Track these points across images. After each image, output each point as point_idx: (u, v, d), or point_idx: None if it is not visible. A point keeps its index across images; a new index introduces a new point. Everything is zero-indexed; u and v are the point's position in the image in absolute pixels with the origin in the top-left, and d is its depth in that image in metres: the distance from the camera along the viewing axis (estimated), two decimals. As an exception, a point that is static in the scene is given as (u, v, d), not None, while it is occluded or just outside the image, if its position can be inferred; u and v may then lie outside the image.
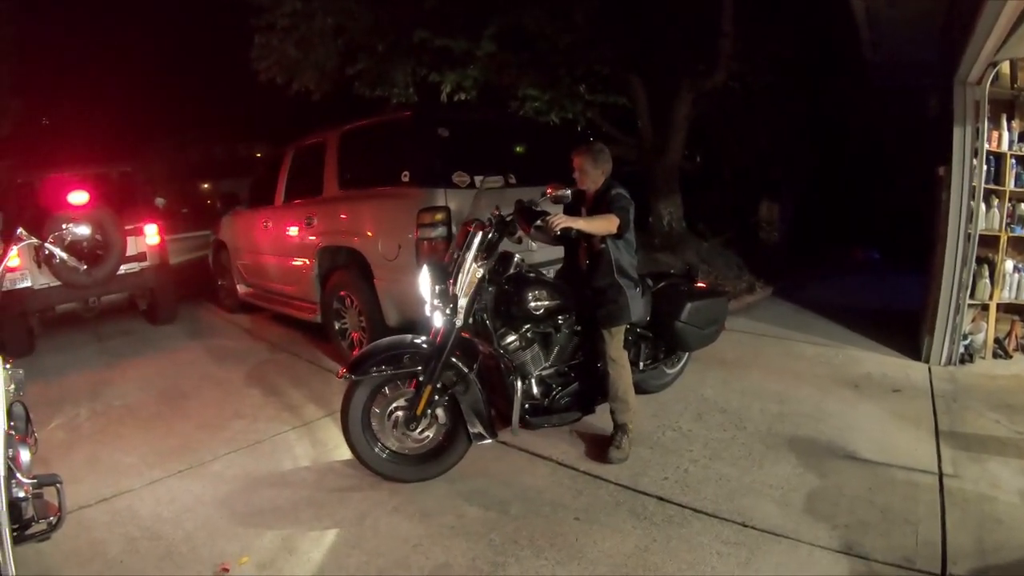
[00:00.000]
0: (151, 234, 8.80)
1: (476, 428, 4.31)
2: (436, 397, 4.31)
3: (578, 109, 10.74)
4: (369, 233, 6.29)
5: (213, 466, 4.79)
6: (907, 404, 5.37)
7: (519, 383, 4.37)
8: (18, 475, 2.77)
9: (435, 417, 4.40)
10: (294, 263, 7.66)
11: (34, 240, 3.54)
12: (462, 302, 4.24)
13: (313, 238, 7.14)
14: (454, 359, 4.30)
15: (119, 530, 3.98)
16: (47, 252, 3.59)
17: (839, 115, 13.52)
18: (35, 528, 2.92)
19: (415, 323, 5.49)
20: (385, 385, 4.44)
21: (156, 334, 8.98)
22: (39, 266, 7.56)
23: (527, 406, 4.53)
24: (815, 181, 13.51)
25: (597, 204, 4.54)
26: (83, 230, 3.34)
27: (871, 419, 5.11)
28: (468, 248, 4.28)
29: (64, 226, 3.75)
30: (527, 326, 4.57)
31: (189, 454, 4.96)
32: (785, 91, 11.83)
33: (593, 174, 4.63)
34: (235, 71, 11.80)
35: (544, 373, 4.69)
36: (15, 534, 2.72)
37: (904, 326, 6.99)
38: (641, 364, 5.29)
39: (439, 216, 5.69)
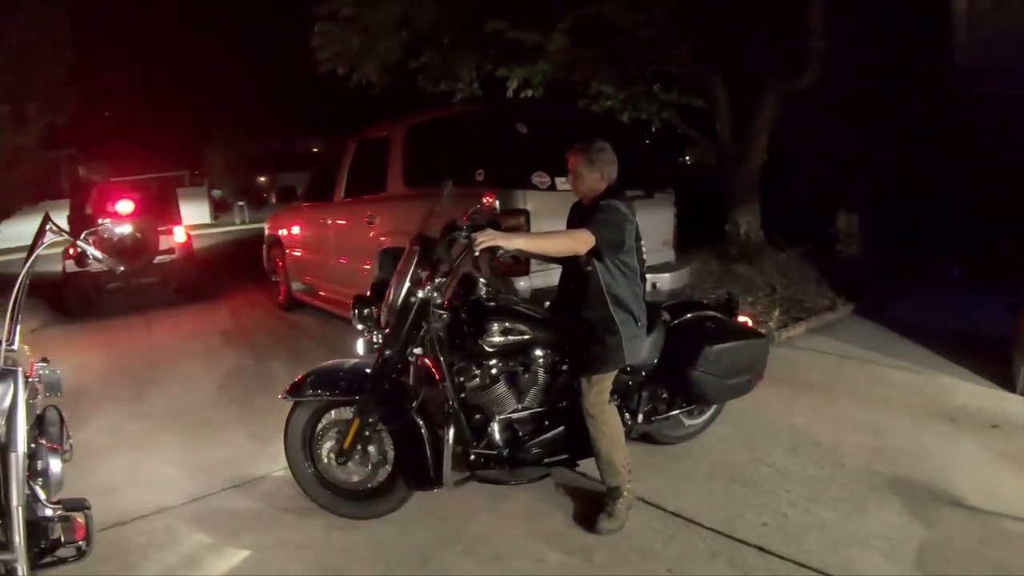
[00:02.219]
0: (179, 233, 11.38)
1: (412, 473, 3.75)
2: (366, 433, 3.75)
3: (653, 109, 10.12)
4: (438, 236, 5.74)
5: (262, 484, 4.41)
6: (1008, 442, 4.76)
7: (451, 429, 3.61)
8: (42, 498, 2.62)
9: (367, 454, 3.81)
10: (352, 263, 7.20)
11: (65, 236, 3.19)
12: (385, 331, 3.72)
13: (374, 238, 6.65)
14: (394, 393, 3.74)
15: (155, 555, 3.70)
16: (79, 250, 3.25)
17: (923, 123, 12.72)
18: (62, 552, 2.76)
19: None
20: (330, 409, 3.95)
21: (206, 330, 8.97)
22: (75, 262, 9.46)
23: (474, 456, 3.75)
24: (897, 192, 12.73)
25: (590, 216, 3.68)
26: (121, 229, 2.93)
27: (972, 458, 4.52)
28: (404, 269, 3.71)
29: (100, 222, 3.32)
30: (494, 361, 3.72)
31: (236, 468, 4.60)
32: (869, 96, 11.09)
33: (589, 178, 3.76)
34: (295, 63, 11.43)
35: (514, 416, 3.85)
36: (40, 554, 2.68)
37: (994, 352, 6.26)
38: (640, 416, 4.13)
39: (517, 219, 5.16)
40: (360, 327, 3.83)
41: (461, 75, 10.85)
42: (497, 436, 3.79)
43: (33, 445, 2.78)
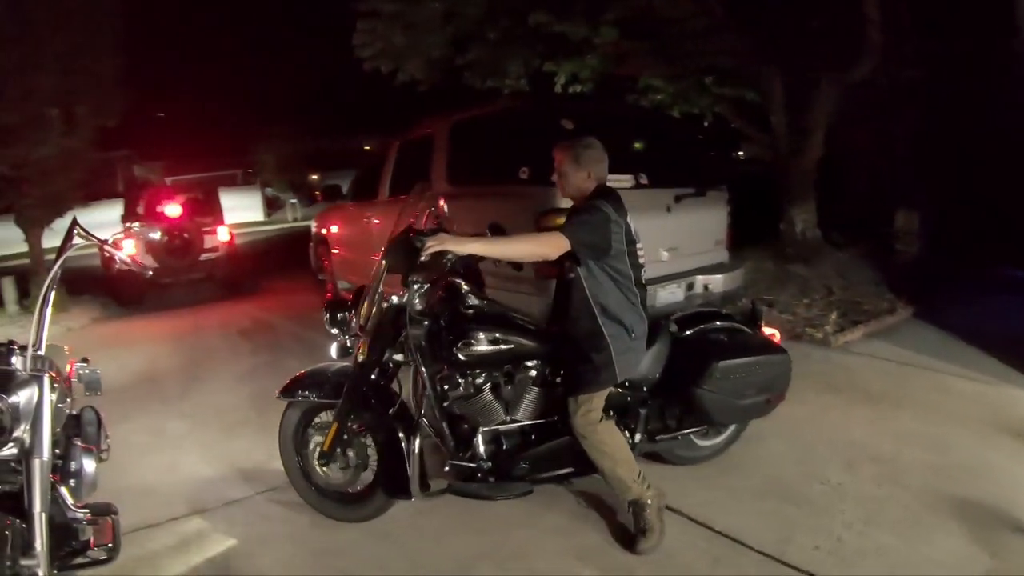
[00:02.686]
0: (222, 233, 12.49)
1: (387, 481, 3.65)
2: (345, 436, 3.68)
3: (705, 103, 9.81)
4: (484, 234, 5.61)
5: None
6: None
7: (417, 438, 3.50)
8: (68, 502, 2.62)
9: (346, 457, 3.76)
10: (398, 263, 7.04)
11: (93, 239, 3.04)
12: (357, 336, 3.70)
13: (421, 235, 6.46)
14: (376, 398, 3.67)
15: (183, 559, 3.65)
16: (108, 254, 3.31)
17: (987, 115, 12.19)
18: (91, 555, 2.77)
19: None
20: (321, 411, 3.89)
21: (253, 328, 9.00)
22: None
23: (450, 467, 3.67)
24: (959, 188, 12.21)
25: (568, 218, 3.51)
26: (153, 232, 2.76)
27: (1043, 479, 4.19)
28: (376, 273, 3.58)
29: (127, 226, 3.18)
30: (477, 371, 3.57)
31: (274, 472, 4.37)
32: (929, 87, 10.64)
33: (574, 178, 3.54)
34: (344, 61, 11.36)
35: (502, 429, 3.67)
36: (70, 555, 2.71)
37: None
38: (640, 435, 3.79)
39: (561, 219, 4.93)
40: (334, 331, 3.78)
41: (509, 71, 10.65)
42: (482, 448, 3.63)
43: (67, 445, 2.82)
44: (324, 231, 9.54)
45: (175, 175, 31.58)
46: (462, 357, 3.44)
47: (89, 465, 2.86)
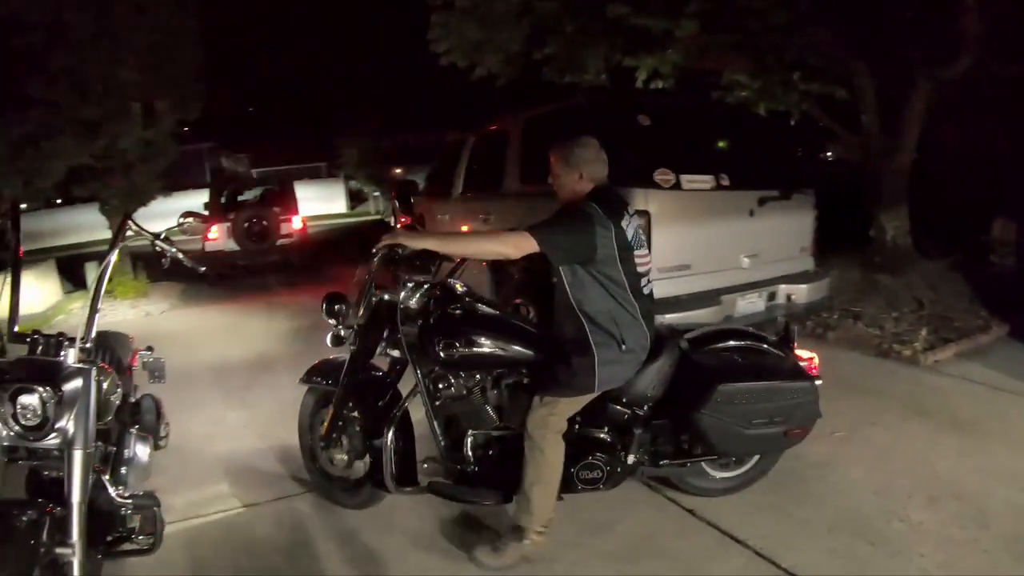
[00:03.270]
0: (296, 222, 14.50)
1: (372, 470, 3.70)
2: (340, 423, 3.79)
3: (792, 100, 9.32)
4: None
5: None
6: None
7: (392, 432, 3.50)
8: (111, 492, 2.71)
9: (341, 444, 3.84)
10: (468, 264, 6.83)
11: (146, 234, 3.15)
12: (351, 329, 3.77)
13: (489, 239, 6.27)
14: (372, 390, 3.82)
15: (227, 550, 3.70)
16: (159, 249, 3.20)
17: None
18: (135, 543, 2.86)
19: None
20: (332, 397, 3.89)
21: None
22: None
23: (428, 465, 3.68)
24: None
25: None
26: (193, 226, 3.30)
27: None
28: (370, 267, 3.62)
29: (180, 221, 3.30)
30: (465, 373, 3.57)
31: None
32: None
33: (566, 179, 3.40)
34: (426, 55, 11.25)
35: (494, 434, 3.58)
36: (114, 542, 2.82)
37: None
38: (634, 457, 3.52)
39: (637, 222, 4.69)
40: (331, 321, 3.77)
41: (587, 66, 10.30)
42: (469, 451, 3.55)
43: (122, 433, 3.07)
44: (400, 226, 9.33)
45: (260, 167, 32.24)
46: (443, 356, 3.41)
47: (142, 453, 3.03)
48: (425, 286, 3.57)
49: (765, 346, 3.75)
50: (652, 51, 9.25)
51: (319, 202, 30.23)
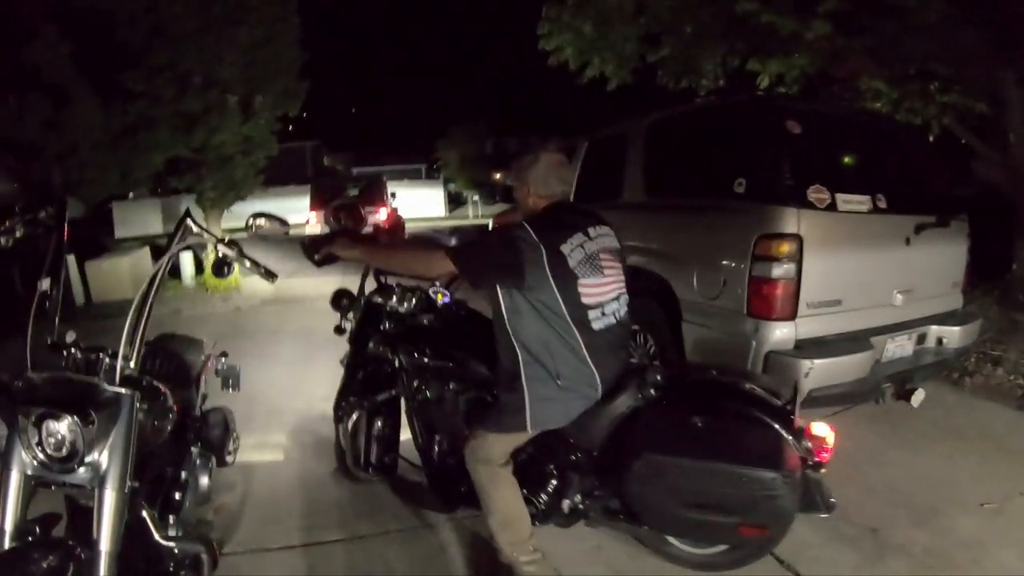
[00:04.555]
0: (382, 213, 16.39)
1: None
2: (343, 404, 3.91)
3: (931, 113, 8.34)
4: (681, 258, 4.68)
5: (434, 534, 3.70)
6: None
7: (349, 420, 3.79)
8: (154, 535, 2.30)
9: (345, 426, 3.93)
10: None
11: (207, 235, 2.69)
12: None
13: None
14: (371, 380, 3.94)
15: None
16: (220, 254, 2.69)
17: None
18: None
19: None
20: None
21: None
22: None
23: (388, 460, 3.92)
24: None
25: None
26: (273, 225, 2.92)
27: None
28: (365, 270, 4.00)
29: (250, 223, 2.92)
30: (430, 380, 3.54)
31: (411, 508, 3.95)
32: None
33: (518, 194, 3.16)
34: (530, 58, 10.73)
35: (456, 443, 3.43)
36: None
37: None
38: (566, 503, 3.08)
39: (786, 247, 3.98)
40: (336, 313, 4.10)
41: (705, 70, 9.56)
42: (435, 455, 3.63)
43: (180, 453, 2.82)
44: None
45: (361, 166, 32.41)
46: (403, 361, 3.61)
47: (202, 476, 2.83)
48: (409, 293, 3.76)
49: (758, 412, 2.81)
50: (776, 54, 8.46)
51: (417, 205, 29.96)
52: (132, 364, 2.27)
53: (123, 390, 2.14)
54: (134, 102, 10.31)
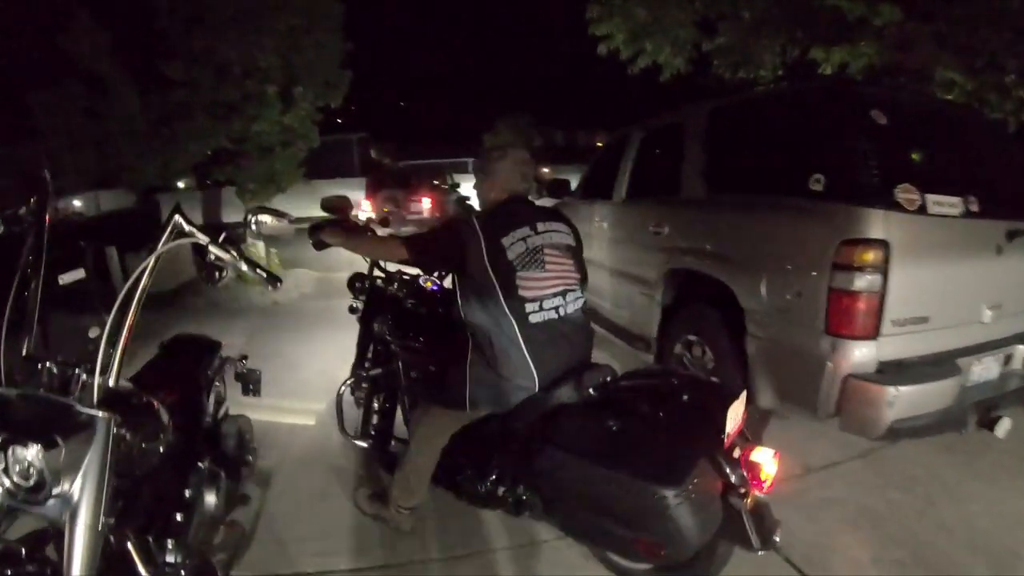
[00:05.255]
0: (425, 202, 16.81)
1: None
2: (352, 379, 4.22)
3: (1008, 108, 7.64)
4: (748, 264, 4.11)
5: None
6: None
7: (375, 400, 4.02)
8: (141, 571, 2.01)
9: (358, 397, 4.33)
10: (628, 280, 5.68)
11: (198, 236, 2.28)
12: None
13: (660, 254, 5.04)
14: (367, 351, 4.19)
15: None
16: (212, 257, 2.36)
17: None
18: None
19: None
20: None
21: None
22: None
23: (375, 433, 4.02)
24: None
25: None
26: (278, 220, 2.57)
27: None
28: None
29: (250, 218, 2.61)
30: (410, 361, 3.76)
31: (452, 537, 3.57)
32: None
33: (480, 188, 3.28)
34: (577, 50, 10.18)
35: None
36: None
37: None
38: (485, 487, 3.09)
39: (872, 255, 3.41)
40: (351, 294, 4.27)
41: (763, 59, 8.94)
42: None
43: (187, 469, 2.56)
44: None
45: (408, 159, 32.13)
46: (389, 340, 3.79)
47: (209, 496, 2.54)
48: (405, 279, 4.02)
49: (685, 427, 2.49)
50: (842, 42, 7.84)
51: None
52: (112, 380, 1.97)
53: (98, 413, 1.81)
54: (173, 91, 10.13)
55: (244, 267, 2.33)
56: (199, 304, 9.54)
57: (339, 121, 14.46)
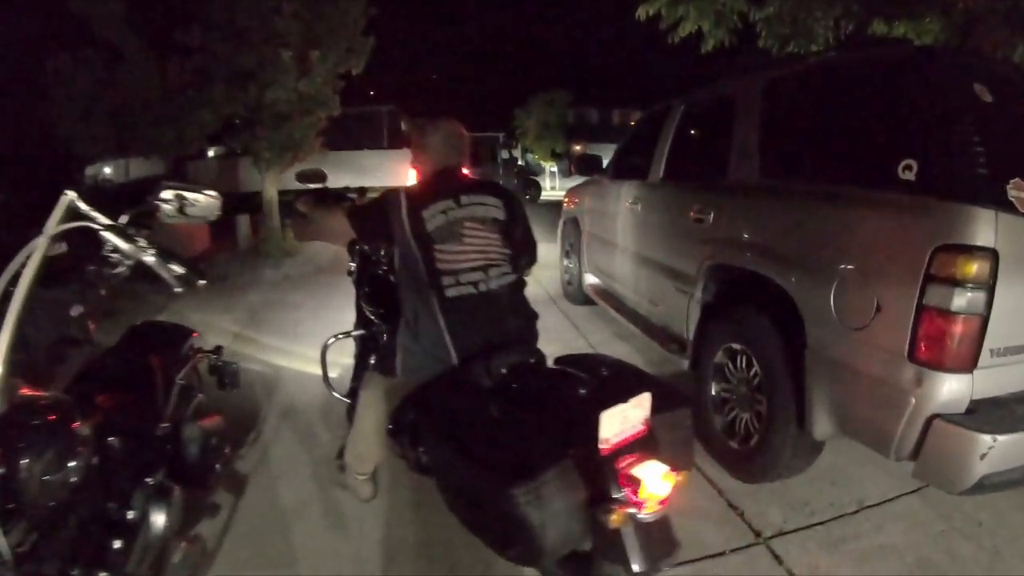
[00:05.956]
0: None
1: None
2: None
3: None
4: (813, 266, 3.31)
5: None
6: None
7: (332, 341, 3.85)
8: None
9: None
10: (662, 272, 4.94)
11: (93, 220, 1.90)
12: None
13: (702, 245, 4.29)
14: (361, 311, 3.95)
15: None
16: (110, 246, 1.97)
17: None
18: None
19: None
20: None
21: None
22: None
23: None
24: None
25: None
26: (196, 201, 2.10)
27: None
28: None
29: (160, 197, 2.08)
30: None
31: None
32: None
33: (415, 160, 3.22)
34: (613, 23, 9.45)
35: None
36: None
37: None
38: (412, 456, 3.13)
39: (976, 266, 2.64)
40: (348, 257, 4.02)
41: (815, 33, 8.12)
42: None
43: (133, 482, 2.20)
44: (576, 210, 7.56)
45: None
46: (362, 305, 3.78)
47: (156, 518, 2.20)
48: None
49: (568, 427, 2.20)
50: (902, 18, 7.05)
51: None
52: None
53: None
54: (189, 58, 9.89)
55: (150, 259, 1.91)
56: (210, 277, 9.00)
57: (371, 93, 14.06)
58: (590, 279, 7.07)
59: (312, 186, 3.60)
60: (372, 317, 3.67)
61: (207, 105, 10.05)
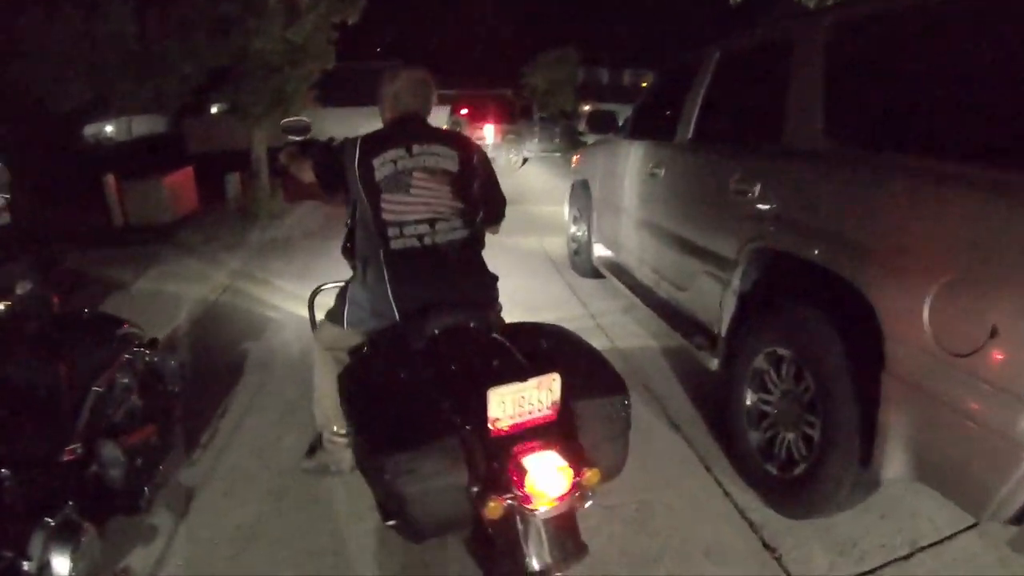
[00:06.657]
0: (488, 130, 17.92)
1: None
2: None
3: None
4: (902, 264, 2.44)
5: None
6: None
7: (316, 297, 3.63)
8: None
9: None
10: (690, 251, 4.13)
11: None
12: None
13: (744, 222, 3.44)
14: None
15: None
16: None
17: None
18: None
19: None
20: None
21: None
22: None
23: None
24: None
25: None
26: None
27: None
28: None
29: None
30: None
31: None
32: None
33: (379, 107, 3.02)
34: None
35: None
36: None
37: None
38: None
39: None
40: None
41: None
42: None
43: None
44: (586, 174, 6.73)
45: (444, 89, 31.07)
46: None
47: (58, 559, 1.93)
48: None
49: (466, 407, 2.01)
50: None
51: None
52: None
53: None
54: (170, 7, 9.15)
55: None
56: (195, 240, 8.87)
57: (378, 50, 13.48)
58: (600, 250, 6.29)
59: (296, 138, 3.27)
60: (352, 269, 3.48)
61: (189, 57, 9.39)
